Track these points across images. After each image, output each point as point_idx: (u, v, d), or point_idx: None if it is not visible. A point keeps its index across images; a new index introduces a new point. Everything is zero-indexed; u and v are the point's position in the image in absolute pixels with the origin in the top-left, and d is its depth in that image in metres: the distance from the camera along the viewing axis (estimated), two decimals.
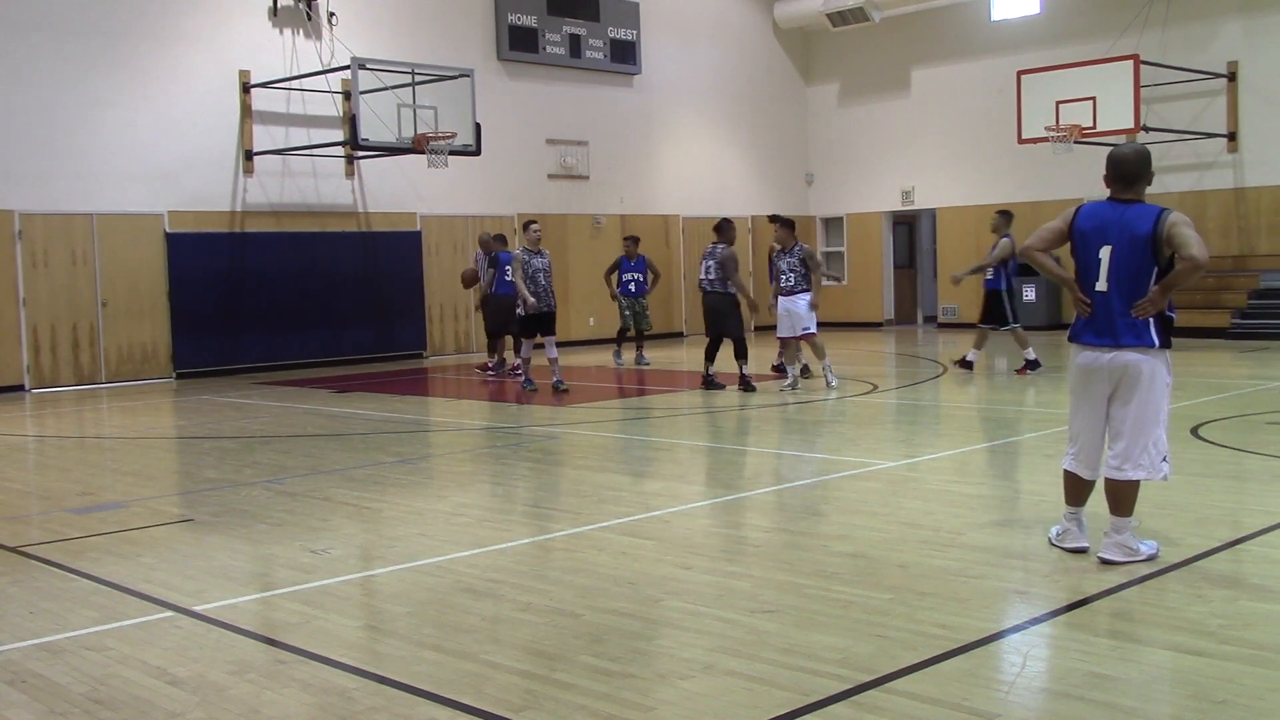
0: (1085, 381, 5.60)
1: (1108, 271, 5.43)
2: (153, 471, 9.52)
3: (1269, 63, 19.39)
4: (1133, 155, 5.53)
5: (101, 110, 16.35)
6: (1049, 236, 5.66)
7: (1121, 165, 5.49)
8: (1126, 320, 5.41)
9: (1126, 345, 5.41)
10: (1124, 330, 5.42)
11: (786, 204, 25.42)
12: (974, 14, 22.87)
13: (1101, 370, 5.51)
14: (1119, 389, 5.48)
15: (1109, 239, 5.44)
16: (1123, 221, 5.43)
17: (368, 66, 15.93)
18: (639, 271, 16.40)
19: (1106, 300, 5.46)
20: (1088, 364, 5.56)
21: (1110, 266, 5.42)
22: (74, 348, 16.23)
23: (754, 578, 5.44)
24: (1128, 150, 5.57)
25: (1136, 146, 5.67)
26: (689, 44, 23.57)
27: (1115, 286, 5.42)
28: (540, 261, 13.49)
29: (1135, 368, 5.41)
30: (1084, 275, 5.53)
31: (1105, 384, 5.52)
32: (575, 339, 21.53)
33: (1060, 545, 5.72)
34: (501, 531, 6.66)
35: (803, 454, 9.25)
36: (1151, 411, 5.42)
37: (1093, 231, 5.50)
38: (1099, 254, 5.46)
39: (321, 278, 18.34)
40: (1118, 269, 5.41)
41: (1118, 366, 5.45)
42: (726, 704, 3.88)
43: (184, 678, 4.32)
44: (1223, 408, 10.69)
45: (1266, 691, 3.90)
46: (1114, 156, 5.55)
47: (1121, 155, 5.53)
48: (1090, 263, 5.49)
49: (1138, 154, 5.54)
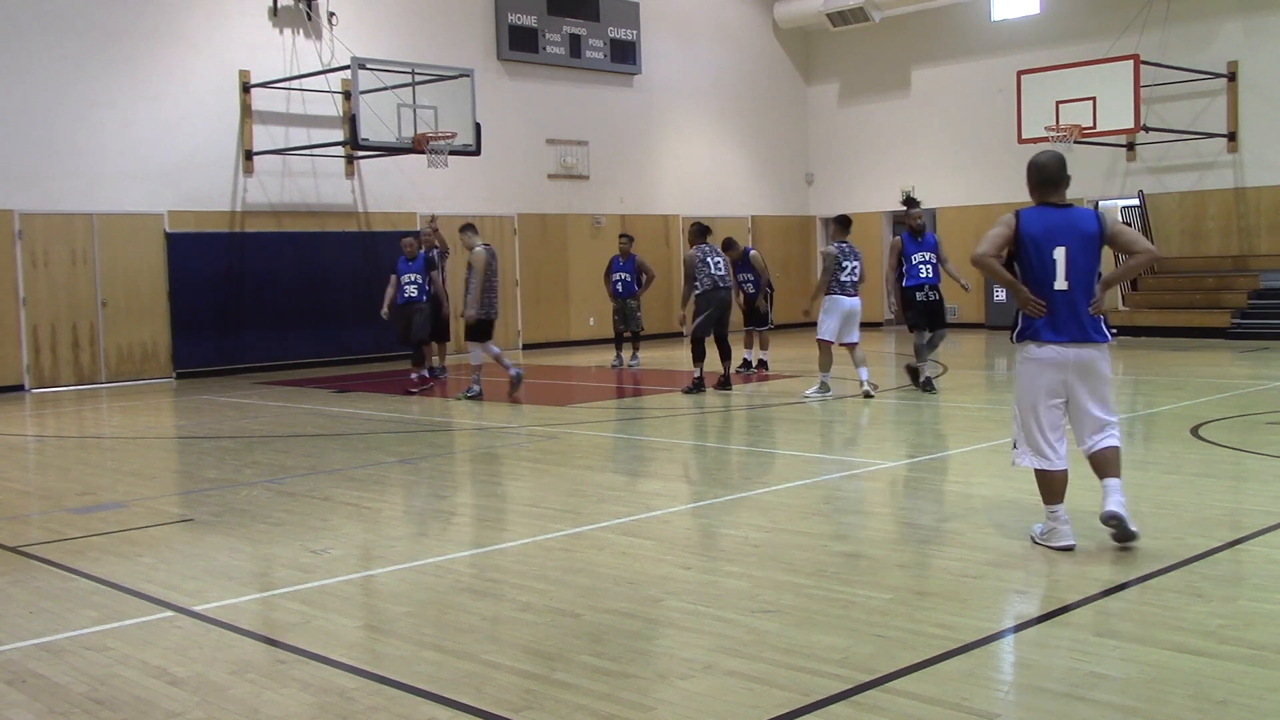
0: (1048, 377, 5.73)
1: (1065, 271, 5.64)
2: (153, 471, 9.52)
3: (1269, 63, 19.39)
4: (1056, 161, 5.83)
5: (101, 110, 16.36)
6: (1000, 242, 5.80)
7: (1047, 170, 5.78)
8: (1088, 316, 5.67)
9: (1091, 340, 5.68)
10: (1089, 326, 5.68)
11: (787, 204, 25.45)
12: (974, 14, 22.87)
13: (1068, 365, 5.69)
14: (1082, 380, 5.69)
15: (1061, 240, 5.67)
16: (1070, 223, 5.70)
17: (368, 66, 15.93)
18: (627, 272, 16.27)
19: (1069, 298, 5.66)
20: (1054, 359, 5.70)
21: (1068, 266, 5.65)
22: (74, 348, 16.24)
23: (754, 578, 5.43)
24: (1048, 157, 5.85)
25: (1054, 153, 5.91)
26: (689, 44, 23.57)
27: (1076, 284, 5.65)
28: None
29: (1096, 360, 5.70)
30: (1039, 276, 5.71)
31: (1069, 377, 5.70)
32: (575, 339, 21.55)
33: (1048, 544, 5.78)
34: (501, 531, 6.66)
35: (803, 454, 9.25)
36: (1110, 395, 5.80)
37: (1043, 234, 5.69)
38: (1053, 255, 5.66)
39: (321, 278, 18.35)
40: (1075, 268, 5.65)
41: (1084, 360, 5.68)
42: (726, 704, 3.88)
43: (184, 678, 4.32)
44: (1223, 408, 10.69)
45: (1266, 691, 3.90)
46: (1040, 164, 5.82)
47: (1046, 162, 5.82)
48: (1045, 264, 5.68)
49: (1058, 159, 5.84)
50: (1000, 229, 5.80)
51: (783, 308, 17.65)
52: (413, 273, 14.17)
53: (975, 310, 22.86)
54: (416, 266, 14.18)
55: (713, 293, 12.80)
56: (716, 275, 12.89)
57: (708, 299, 12.76)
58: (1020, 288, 5.75)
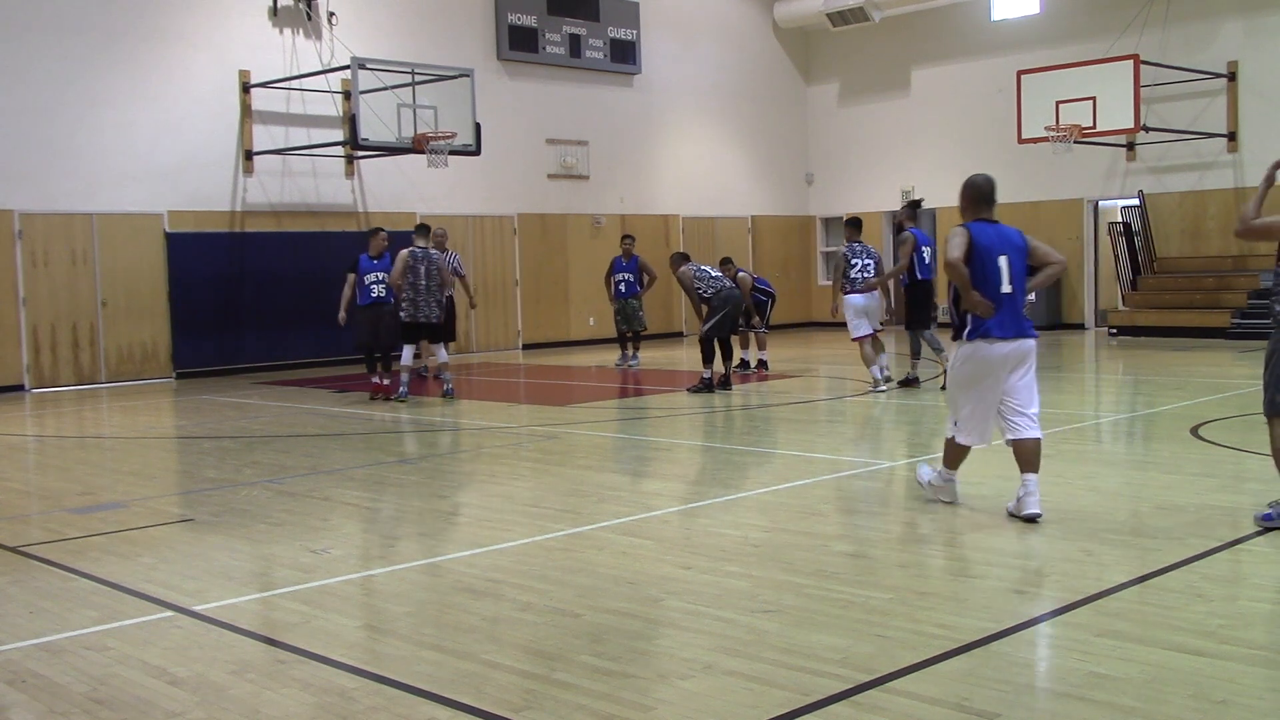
0: (992, 368, 6.48)
1: (1009, 277, 6.46)
2: (153, 471, 9.52)
3: (1269, 63, 19.39)
4: (989, 181, 6.65)
5: (101, 110, 16.36)
6: (967, 250, 6.44)
7: (982, 190, 6.60)
8: (1025, 316, 6.56)
9: (1028, 335, 6.52)
10: (1025, 324, 6.53)
11: (787, 204, 25.45)
12: (974, 14, 22.87)
13: (1010, 357, 6.47)
14: (1018, 369, 6.50)
15: (1003, 250, 6.48)
16: (1004, 236, 6.55)
17: (368, 66, 15.93)
18: (630, 272, 16.34)
19: (1013, 299, 6.49)
20: (1001, 353, 6.45)
21: (1010, 273, 6.47)
22: (74, 347, 16.24)
23: (754, 578, 5.43)
24: (982, 178, 6.65)
25: (986, 175, 6.71)
26: (689, 44, 23.57)
27: (1016, 289, 6.50)
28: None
29: (1031, 353, 6.55)
30: (987, 282, 6.44)
31: (1008, 368, 6.49)
32: (575, 339, 21.55)
33: (937, 498, 6.84)
34: (501, 531, 6.66)
35: (803, 454, 9.25)
36: (1036, 384, 6.61)
37: (990, 246, 6.47)
38: (998, 263, 6.45)
39: (321, 278, 18.32)
40: (1016, 275, 6.49)
41: (1024, 352, 6.51)
42: (726, 704, 3.88)
43: (184, 678, 4.32)
44: (1223, 408, 10.69)
45: (1266, 691, 3.90)
46: (976, 184, 6.62)
47: (981, 182, 6.62)
48: (991, 271, 6.44)
49: (990, 180, 6.66)
50: (961, 239, 6.45)
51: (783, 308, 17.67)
52: (379, 271, 13.38)
53: None
54: (384, 265, 13.35)
55: (723, 295, 12.89)
56: (715, 279, 12.97)
57: (722, 301, 12.84)
58: (973, 292, 6.41)
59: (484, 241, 20.45)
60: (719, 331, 12.96)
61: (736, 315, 13.21)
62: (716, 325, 12.90)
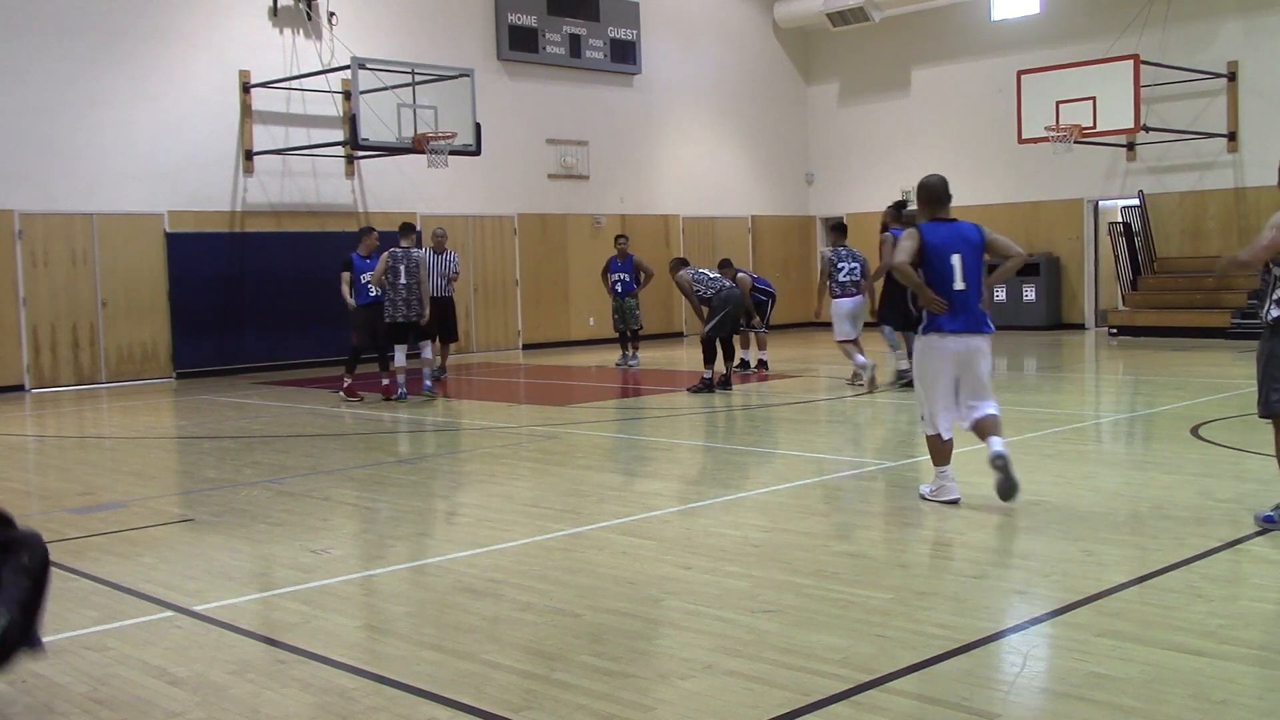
0: (950, 361, 6.76)
1: (962, 274, 6.71)
2: (153, 471, 9.52)
3: (1269, 63, 19.38)
4: (942, 182, 6.93)
5: (101, 110, 16.36)
6: (914, 252, 6.74)
7: (936, 190, 6.89)
8: (979, 311, 6.81)
9: (981, 331, 6.80)
10: (981, 319, 6.81)
11: (787, 204, 25.45)
12: (974, 14, 22.86)
13: (963, 352, 6.76)
14: (972, 362, 6.78)
15: (956, 248, 6.73)
16: (960, 234, 6.79)
17: (368, 66, 15.92)
18: (626, 272, 16.40)
19: (966, 296, 6.74)
20: (956, 347, 6.75)
21: (964, 270, 6.71)
22: (74, 348, 16.24)
23: (754, 578, 5.43)
24: (936, 179, 6.93)
25: (940, 175, 6.99)
26: (689, 44, 23.57)
27: (970, 285, 6.75)
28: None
29: (984, 346, 6.83)
30: (941, 279, 6.73)
31: (963, 360, 6.76)
32: (575, 339, 21.55)
33: (937, 499, 6.85)
34: (501, 531, 6.66)
35: (803, 454, 9.24)
36: (989, 376, 6.93)
37: (942, 245, 6.73)
38: (951, 261, 6.71)
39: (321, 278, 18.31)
40: (969, 272, 6.74)
41: (976, 346, 6.78)
42: (726, 704, 3.88)
43: (184, 678, 4.32)
44: (1223, 408, 10.70)
45: (1266, 691, 3.90)
46: (929, 185, 6.91)
47: (935, 183, 6.91)
48: (945, 269, 6.71)
49: (943, 181, 6.94)
50: (909, 242, 6.75)
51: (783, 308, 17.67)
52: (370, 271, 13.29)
53: None
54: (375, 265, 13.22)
55: (723, 294, 12.91)
56: (714, 280, 13.02)
57: (723, 301, 12.87)
58: (927, 290, 6.73)
59: (484, 241, 20.45)
60: (720, 331, 12.98)
61: (737, 315, 13.25)
62: (717, 325, 12.92)
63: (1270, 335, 6.11)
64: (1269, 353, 6.10)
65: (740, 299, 13.18)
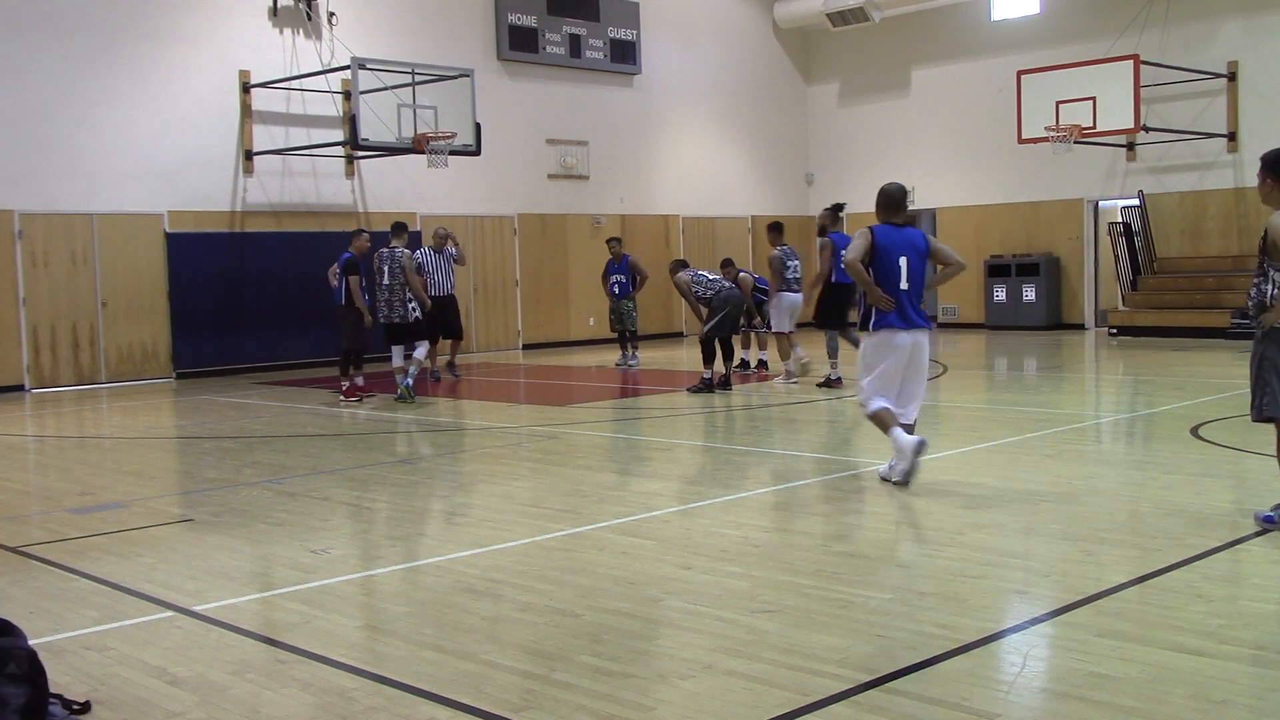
0: (894, 354, 7.42)
1: (907, 275, 7.39)
2: (153, 471, 9.52)
3: (1269, 63, 19.39)
4: (899, 190, 7.56)
5: (101, 110, 16.36)
6: (866, 251, 7.39)
7: (893, 198, 7.52)
8: (921, 309, 7.49)
9: (924, 327, 7.48)
10: (922, 317, 7.48)
11: (787, 204, 25.44)
12: (974, 14, 22.87)
13: (906, 346, 7.42)
14: (914, 356, 7.46)
15: (903, 251, 7.40)
16: (908, 239, 7.47)
17: (368, 66, 15.92)
18: (622, 273, 16.43)
19: (910, 296, 7.42)
20: (906, 342, 7.41)
21: (909, 272, 7.38)
22: (74, 348, 16.24)
23: (754, 578, 5.43)
24: (894, 187, 7.57)
25: (898, 184, 7.65)
26: (689, 44, 23.57)
27: (913, 286, 7.42)
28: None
29: (924, 340, 7.52)
30: (887, 279, 7.39)
31: (910, 354, 7.44)
32: (575, 339, 21.55)
33: (891, 479, 7.44)
34: (501, 531, 6.66)
35: (802, 454, 9.24)
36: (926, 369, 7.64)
37: (891, 247, 7.40)
38: (898, 263, 7.37)
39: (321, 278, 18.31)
40: (914, 273, 7.41)
41: (919, 340, 7.46)
42: (726, 704, 3.87)
43: (184, 678, 4.32)
44: (1223, 408, 10.69)
45: (1266, 691, 3.90)
46: (888, 192, 7.54)
47: (893, 191, 7.54)
48: (892, 270, 7.38)
49: (901, 189, 7.59)
50: (861, 241, 7.42)
51: None
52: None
53: (975, 310, 22.87)
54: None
55: (722, 295, 12.93)
56: (714, 281, 13.04)
57: (723, 301, 12.89)
58: (876, 288, 7.38)
59: (484, 241, 20.45)
60: (719, 332, 13.01)
61: (737, 316, 13.28)
62: (717, 326, 12.94)
63: (1263, 338, 6.14)
64: (1261, 355, 6.12)
65: (740, 300, 13.20)
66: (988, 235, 22.80)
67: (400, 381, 13.11)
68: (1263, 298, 6.15)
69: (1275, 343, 6.09)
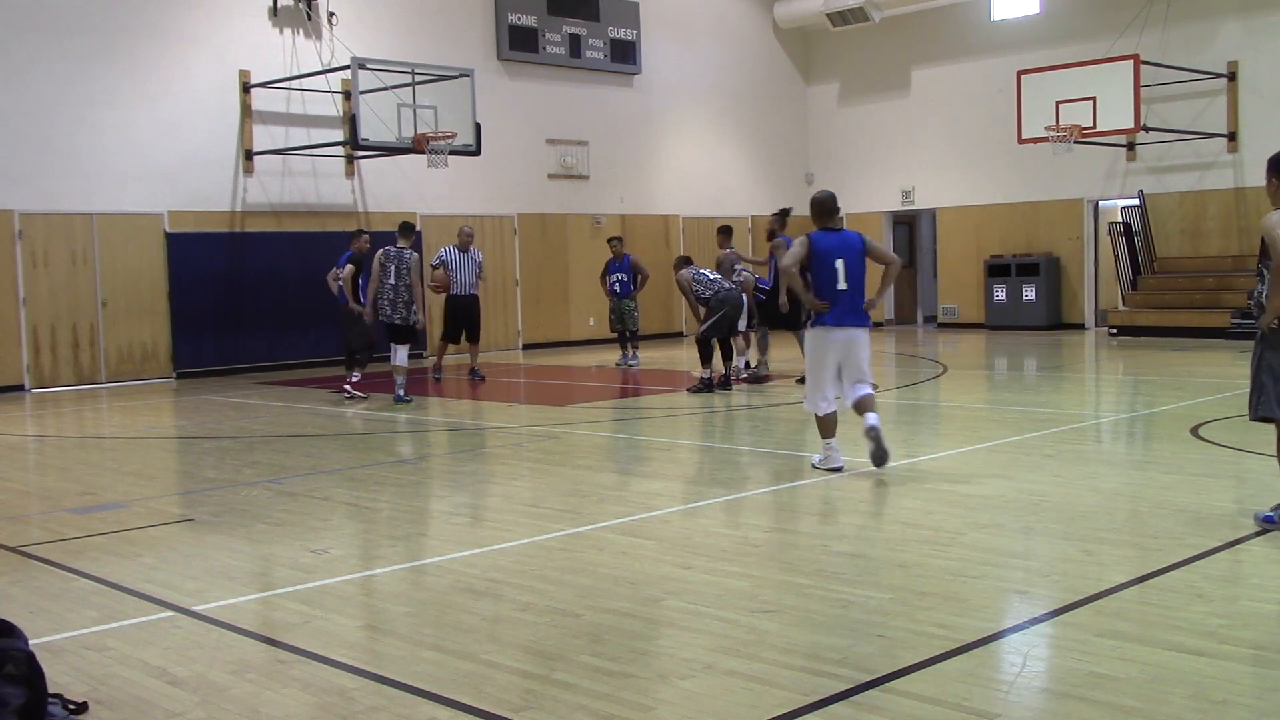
0: (833, 350, 7.97)
1: (845, 276, 7.90)
2: (153, 471, 9.52)
3: (1269, 63, 19.38)
4: (830, 197, 8.12)
5: (101, 110, 16.35)
6: (803, 257, 7.96)
7: (825, 205, 8.08)
8: (859, 309, 7.98)
9: (860, 325, 8.00)
10: (859, 316, 7.99)
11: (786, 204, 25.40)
12: (974, 14, 22.87)
13: (845, 341, 7.95)
14: (852, 351, 7.99)
15: (840, 254, 7.92)
16: (844, 242, 8.01)
17: (368, 66, 15.92)
18: (623, 272, 16.44)
19: (849, 295, 7.93)
20: (839, 338, 7.95)
21: (846, 273, 7.90)
22: (74, 348, 16.23)
23: (754, 578, 5.43)
24: (824, 195, 8.13)
25: (828, 191, 8.23)
26: (689, 44, 23.56)
27: (852, 286, 7.92)
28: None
29: (863, 338, 8.05)
30: (827, 280, 7.91)
31: (844, 349, 7.96)
32: (575, 339, 21.56)
33: (825, 467, 8.03)
34: (501, 531, 6.66)
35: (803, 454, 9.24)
36: (868, 362, 8.10)
37: (828, 251, 7.93)
38: (835, 265, 7.88)
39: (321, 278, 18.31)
40: (851, 274, 7.92)
41: (854, 337, 7.98)
42: (726, 704, 3.88)
43: (184, 678, 4.32)
44: (1223, 408, 10.70)
45: (1266, 691, 3.90)
46: (819, 200, 8.11)
47: (824, 199, 8.10)
48: (829, 271, 7.90)
49: (831, 196, 8.14)
50: (799, 248, 7.97)
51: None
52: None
53: (975, 310, 22.88)
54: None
55: (721, 295, 12.92)
56: (714, 281, 13.03)
57: (721, 302, 12.89)
58: (808, 295, 8.02)
59: (484, 241, 20.40)
60: (716, 332, 12.99)
61: (735, 316, 13.22)
62: (714, 326, 12.92)
63: (1263, 338, 6.13)
64: (1260, 356, 6.12)
65: (738, 300, 13.17)
66: (988, 235, 22.80)
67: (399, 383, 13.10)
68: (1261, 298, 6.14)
69: (1272, 344, 6.08)
